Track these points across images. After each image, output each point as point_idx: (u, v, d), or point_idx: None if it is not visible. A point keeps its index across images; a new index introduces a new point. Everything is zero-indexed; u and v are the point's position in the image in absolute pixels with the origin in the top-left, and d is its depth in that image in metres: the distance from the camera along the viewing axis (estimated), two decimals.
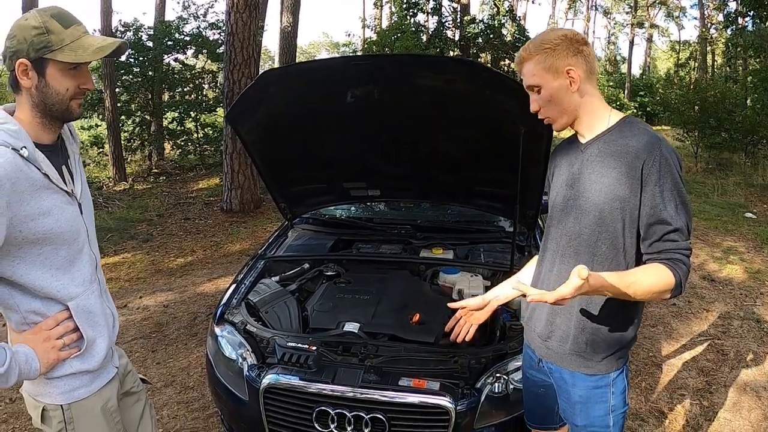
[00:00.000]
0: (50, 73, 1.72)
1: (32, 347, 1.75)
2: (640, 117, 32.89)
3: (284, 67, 3.76)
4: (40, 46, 1.68)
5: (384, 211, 4.81)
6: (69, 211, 1.81)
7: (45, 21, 1.69)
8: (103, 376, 1.97)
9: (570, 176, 2.04)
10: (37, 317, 1.80)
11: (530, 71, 1.94)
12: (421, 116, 3.27)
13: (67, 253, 1.81)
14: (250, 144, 3.59)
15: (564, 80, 1.91)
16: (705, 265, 7.17)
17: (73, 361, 1.86)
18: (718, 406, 3.97)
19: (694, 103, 16.18)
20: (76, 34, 1.73)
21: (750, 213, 9.97)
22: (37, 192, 1.69)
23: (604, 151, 1.93)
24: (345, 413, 2.53)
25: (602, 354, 2.02)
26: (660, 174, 1.81)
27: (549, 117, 1.99)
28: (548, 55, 1.90)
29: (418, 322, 3.01)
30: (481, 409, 2.54)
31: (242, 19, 9.85)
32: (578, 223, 1.98)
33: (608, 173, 1.89)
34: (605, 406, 2.06)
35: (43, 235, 1.71)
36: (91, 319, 1.89)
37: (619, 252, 1.93)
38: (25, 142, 1.67)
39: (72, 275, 1.83)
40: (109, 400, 1.98)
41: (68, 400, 1.88)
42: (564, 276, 2.01)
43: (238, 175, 10.42)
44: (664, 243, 1.85)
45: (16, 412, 4.04)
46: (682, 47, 42.34)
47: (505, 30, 22.88)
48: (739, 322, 5.37)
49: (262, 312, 3.16)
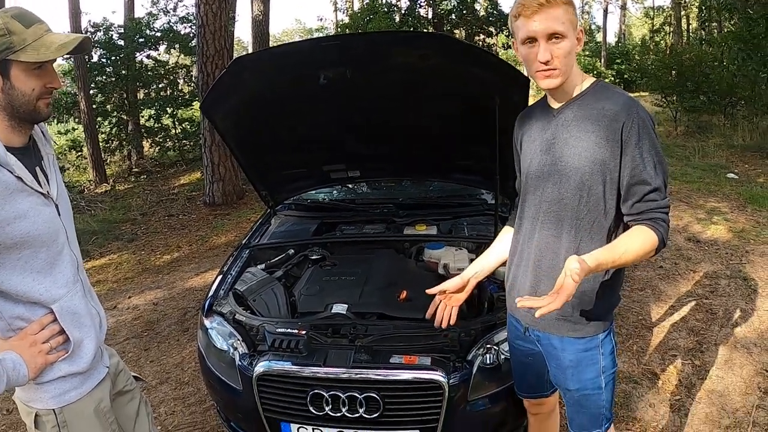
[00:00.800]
0: (14, 74, 1.69)
1: (19, 353, 1.73)
2: (618, 85, 33.11)
3: (256, 53, 3.73)
4: (2, 48, 1.65)
5: (366, 191, 4.80)
6: (46, 213, 1.78)
7: (6, 22, 1.66)
8: (94, 377, 1.96)
9: (544, 142, 2.03)
10: (22, 323, 1.78)
11: (559, 17, 1.83)
12: (396, 94, 3.25)
13: (47, 255, 1.78)
14: (225, 132, 3.57)
15: (575, 38, 1.88)
16: (689, 227, 7.21)
17: (61, 364, 1.84)
18: (710, 364, 4.01)
19: (671, 67, 16.22)
20: (38, 33, 1.70)
21: (732, 173, 10.03)
22: (11, 195, 1.66)
23: (579, 115, 1.93)
24: (339, 395, 2.53)
25: (589, 317, 2.03)
26: (639, 136, 1.83)
27: (558, 69, 1.88)
28: (572, 8, 1.87)
29: (406, 299, 3.02)
30: (474, 381, 2.55)
31: (212, 10, 9.76)
32: (558, 188, 1.98)
33: (586, 137, 1.90)
34: (596, 367, 2.08)
35: (20, 238, 1.69)
36: (76, 320, 1.87)
37: (600, 214, 1.94)
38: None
39: (54, 277, 1.81)
40: (102, 401, 1.96)
41: (60, 404, 1.86)
42: (544, 242, 2.03)
43: (219, 168, 10.38)
44: (645, 203, 1.87)
45: (15, 423, 4.01)
46: (656, 13, 42.44)
47: (478, 5, 22.80)
48: (726, 281, 5.41)
49: (249, 300, 3.15)
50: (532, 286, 2.10)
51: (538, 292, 2.06)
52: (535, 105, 2.17)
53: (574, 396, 2.15)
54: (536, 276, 2.08)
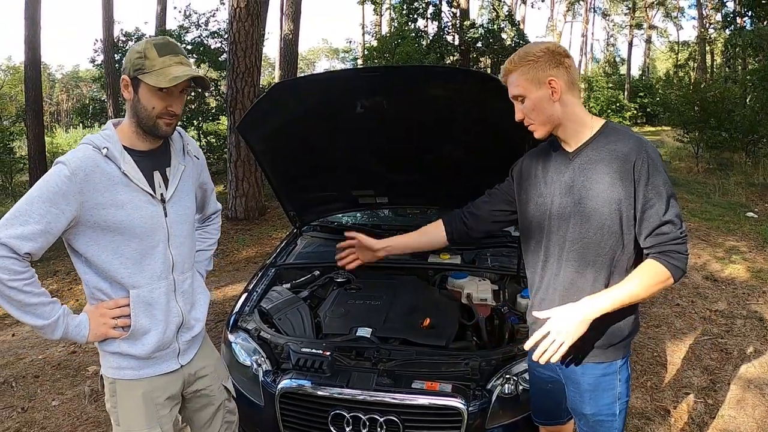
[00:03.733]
0: (142, 91, 1.99)
1: (89, 317, 2.02)
2: (640, 118, 33.01)
3: (295, 79, 3.84)
4: (137, 68, 1.96)
5: (391, 217, 4.87)
6: (147, 210, 2.05)
7: (146, 48, 1.96)
8: (155, 367, 2.15)
9: (563, 185, 2.13)
10: (102, 295, 2.06)
11: (514, 82, 2.07)
12: (429, 124, 3.34)
13: (138, 246, 2.04)
14: (260, 154, 3.66)
15: (546, 90, 2.02)
16: (707, 266, 7.22)
17: (121, 343, 2.08)
18: (723, 403, 4.03)
19: (694, 103, 16.21)
20: (168, 63, 1.97)
21: (751, 212, 10.02)
22: (112, 186, 1.96)
23: (594, 158, 2.04)
24: (360, 416, 2.59)
25: (608, 343, 2.13)
26: (649, 173, 1.95)
27: (532, 123, 2.10)
28: (531, 66, 2.03)
29: (429, 326, 3.08)
30: (492, 410, 2.61)
31: (244, 28, 9.92)
32: (580, 229, 2.07)
33: (602, 179, 2.01)
34: (613, 393, 2.16)
35: (113, 224, 1.97)
36: (148, 311, 2.09)
37: (620, 250, 2.05)
38: (110, 144, 1.98)
39: (140, 267, 2.05)
40: (157, 390, 2.16)
41: (114, 376, 2.12)
42: (569, 279, 2.13)
43: (243, 183, 10.47)
44: (656, 237, 1.98)
45: (29, 421, 4.10)
46: (681, 48, 42.38)
47: (504, 34, 22.93)
48: (742, 321, 5.43)
49: (275, 319, 3.22)
50: None
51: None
52: (545, 146, 2.27)
53: (588, 421, 2.21)
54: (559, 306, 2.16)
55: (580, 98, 2.12)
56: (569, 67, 2.04)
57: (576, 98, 2.08)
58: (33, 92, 13.58)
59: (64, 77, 67.81)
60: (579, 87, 2.14)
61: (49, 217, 1.84)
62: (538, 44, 2.08)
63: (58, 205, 1.85)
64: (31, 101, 13.65)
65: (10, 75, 30.37)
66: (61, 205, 1.86)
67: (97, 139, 1.98)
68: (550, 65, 2.01)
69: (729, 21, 23.88)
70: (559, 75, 2.01)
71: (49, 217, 1.85)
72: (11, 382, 4.65)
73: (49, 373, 4.81)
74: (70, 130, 36.60)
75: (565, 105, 2.04)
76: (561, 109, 2.05)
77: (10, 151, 15.05)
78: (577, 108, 2.08)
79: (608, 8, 47.55)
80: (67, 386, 4.56)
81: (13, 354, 5.27)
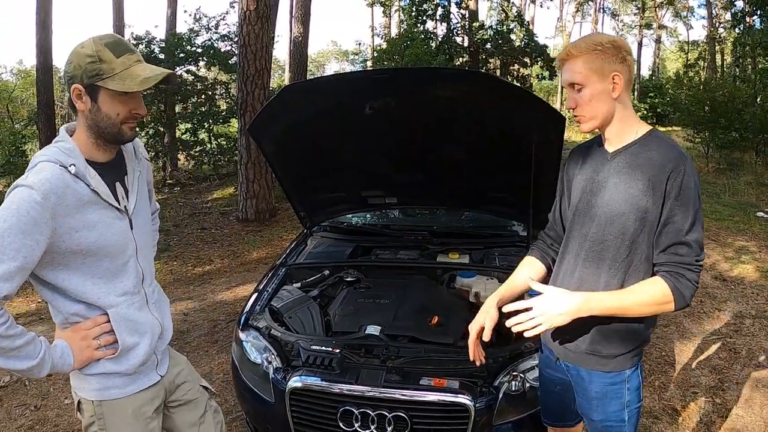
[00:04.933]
0: (102, 99, 1.82)
1: (69, 344, 1.88)
2: (650, 118, 32.78)
3: (305, 81, 3.86)
4: (93, 74, 1.78)
5: (400, 218, 4.91)
6: (117, 226, 1.92)
7: (98, 50, 1.78)
8: (140, 381, 2.06)
9: (596, 183, 2.10)
10: (78, 319, 1.92)
11: (576, 69, 1.98)
12: (437, 126, 3.37)
13: (110, 264, 1.92)
14: (270, 155, 3.71)
15: (608, 84, 1.96)
16: (717, 265, 7.22)
17: (106, 363, 1.97)
18: (731, 403, 4.04)
19: (704, 103, 16.13)
20: (127, 63, 1.82)
21: (762, 212, 9.98)
22: (83, 206, 1.80)
23: (631, 163, 2.00)
24: (368, 412, 2.62)
25: (617, 353, 2.10)
26: (681, 189, 1.89)
27: (583, 116, 2.02)
28: (598, 56, 1.95)
29: (437, 325, 3.12)
30: (499, 407, 2.64)
31: (254, 30, 9.96)
32: (602, 230, 2.05)
33: (634, 184, 1.97)
34: (620, 401, 2.14)
35: (86, 246, 1.82)
36: (131, 327, 1.99)
37: (639, 259, 2.02)
38: (75, 159, 1.80)
39: (113, 285, 1.94)
40: (144, 405, 2.07)
41: (100, 398, 2.00)
42: (585, 279, 2.11)
43: (254, 185, 10.50)
44: (669, 255, 1.94)
45: (42, 419, 4.16)
46: (690, 47, 42.14)
47: (513, 35, 22.90)
48: (750, 321, 5.43)
49: (285, 317, 3.26)
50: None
51: (570, 326, 2.09)
52: (591, 142, 2.24)
53: (597, 426, 2.22)
54: None
55: (631, 99, 2.09)
56: (630, 65, 1.99)
57: (629, 99, 2.05)
58: (45, 96, 13.67)
59: None
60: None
61: (24, 251, 1.65)
62: (603, 36, 2.00)
63: (32, 235, 1.66)
64: (43, 105, 13.75)
65: (22, 79, 30.51)
66: (35, 235, 1.67)
67: (60, 155, 1.79)
68: (617, 59, 1.95)
69: (738, 20, 23.77)
70: (623, 71, 1.96)
71: (24, 251, 1.65)
72: (24, 381, 4.70)
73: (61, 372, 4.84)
74: None
75: (620, 103, 2.01)
76: (616, 106, 2.01)
77: (22, 154, 15.11)
78: (629, 109, 2.04)
79: (617, 8, 47.41)
80: None
81: None
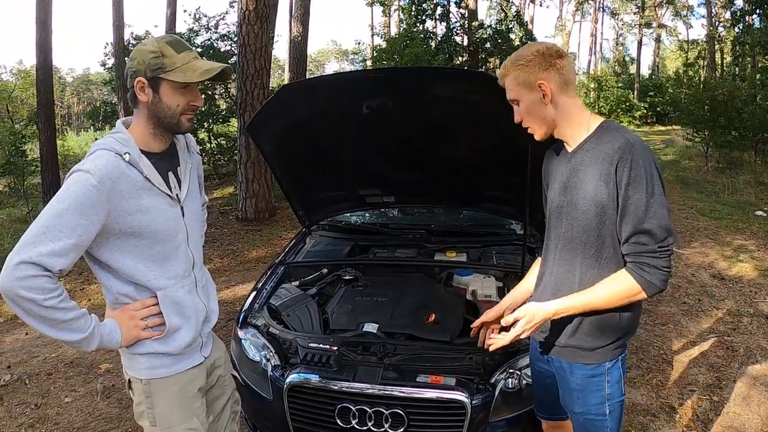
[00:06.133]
0: (163, 90, 1.97)
1: (118, 322, 1.99)
2: (650, 117, 32.78)
3: (303, 81, 3.87)
4: (156, 67, 1.93)
5: (398, 216, 4.93)
6: (169, 212, 2.05)
7: (161, 46, 1.94)
8: (185, 361, 2.16)
9: (561, 184, 2.15)
10: (128, 300, 2.04)
11: (508, 86, 2.10)
12: (434, 125, 3.38)
13: (162, 248, 2.04)
14: (269, 154, 3.73)
15: (537, 93, 2.03)
16: (715, 264, 7.23)
17: (153, 343, 2.07)
18: (728, 400, 4.05)
19: (704, 102, 16.14)
20: (187, 59, 1.97)
21: (761, 211, 9.99)
22: (137, 192, 1.94)
23: (586, 159, 2.04)
24: (366, 409, 2.65)
25: (597, 345, 2.13)
26: (630, 176, 1.91)
27: (530, 127, 2.12)
28: (521, 70, 2.04)
29: (434, 322, 3.14)
30: (496, 404, 2.66)
31: (254, 30, 9.97)
32: (571, 229, 2.10)
33: (591, 180, 2.01)
34: (601, 394, 2.17)
35: (139, 229, 1.95)
36: (177, 309, 2.10)
37: (606, 251, 2.05)
38: (130, 148, 1.94)
39: (165, 269, 2.06)
40: (189, 384, 2.17)
41: (148, 376, 2.10)
42: (561, 277, 2.17)
43: (253, 184, 10.52)
44: (631, 245, 1.97)
45: (42, 417, 4.18)
46: (690, 46, 42.15)
47: (513, 34, 22.90)
48: (748, 319, 5.44)
49: (283, 315, 3.28)
50: None
51: (553, 319, 2.15)
52: (555, 146, 2.28)
53: (579, 419, 2.25)
54: None
55: (576, 98, 2.11)
56: (562, 68, 2.01)
57: (571, 98, 2.07)
58: (45, 96, 13.67)
59: (75, 80, 68.24)
60: (575, 87, 2.12)
61: (80, 230, 1.78)
62: (531, 46, 2.07)
63: (88, 216, 1.79)
64: (42, 104, 13.74)
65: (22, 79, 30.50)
66: (90, 216, 1.80)
67: (116, 144, 1.93)
68: (540, 68, 2.00)
69: (738, 19, 23.76)
70: (549, 77, 2.00)
71: (80, 230, 1.78)
72: (25, 380, 4.72)
73: (62, 370, 4.89)
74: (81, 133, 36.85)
75: (558, 106, 2.04)
76: (554, 111, 2.05)
77: (22, 153, 15.11)
78: (573, 109, 2.07)
79: (617, 7, 47.44)
80: (79, 383, 4.63)
81: (27, 352, 5.35)
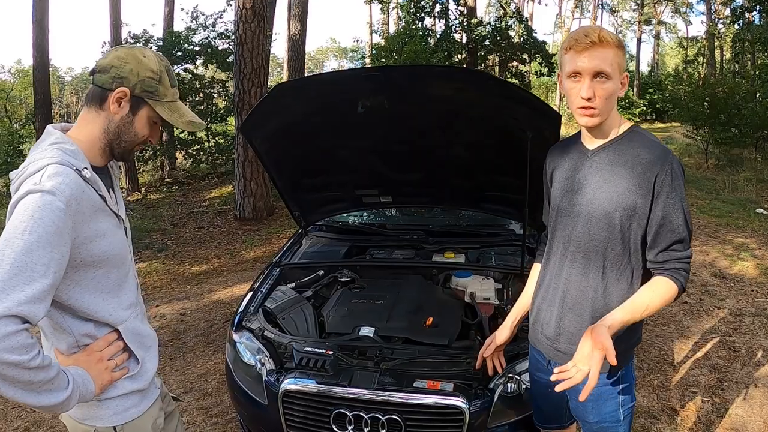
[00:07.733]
0: (141, 115, 1.82)
1: (86, 369, 1.72)
2: (650, 114, 32.73)
3: (297, 80, 3.83)
4: (149, 89, 1.79)
5: (396, 217, 4.88)
6: (119, 234, 1.82)
7: (162, 71, 1.81)
8: (151, 395, 1.99)
9: (576, 182, 2.08)
10: (89, 340, 1.79)
11: (609, 58, 1.87)
12: (431, 124, 3.34)
13: (116, 276, 1.82)
14: (264, 154, 3.68)
15: (619, 82, 1.94)
16: (716, 263, 7.19)
17: (125, 382, 1.86)
18: (730, 402, 4.01)
19: (703, 99, 16.10)
20: (174, 96, 1.87)
21: (761, 209, 9.95)
22: (95, 214, 1.69)
23: (614, 160, 1.98)
24: (362, 415, 2.59)
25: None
26: (672, 186, 1.89)
27: (597, 109, 1.92)
28: (622, 52, 1.92)
29: (432, 326, 3.08)
30: (494, 409, 2.61)
31: (251, 28, 9.95)
32: (588, 229, 2.03)
33: (619, 182, 1.95)
34: (615, 401, 2.13)
35: (99, 257, 1.71)
36: (140, 341, 1.92)
37: (626, 257, 2.01)
38: (85, 163, 1.69)
39: (120, 299, 1.84)
40: (157, 418, 2.00)
41: (121, 421, 1.87)
42: (572, 280, 2.09)
43: (251, 183, 10.51)
44: (669, 253, 1.95)
45: (38, 420, 4.14)
46: (689, 43, 42.14)
47: (512, 31, 22.83)
48: (750, 319, 5.40)
49: (279, 318, 3.23)
50: (556, 320, 2.17)
51: (561, 326, 2.14)
52: (569, 140, 2.22)
53: (593, 428, 2.20)
54: (561, 311, 2.15)
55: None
56: None
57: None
58: (42, 95, 13.65)
59: (74, 79, 68.14)
60: None
61: (53, 266, 1.49)
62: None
63: (58, 247, 1.51)
64: (40, 104, 13.72)
65: (20, 78, 30.49)
66: (60, 247, 1.52)
67: (68, 157, 1.64)
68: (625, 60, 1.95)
69: (737, 16, 23.69)
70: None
71: (53, 267, 1.49)
72: None
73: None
74: None
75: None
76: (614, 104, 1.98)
77: (20, 153, 15.12)
78: (615, 107, 2.01)
79: (616, 4, 47.43)
80: None
81: None
